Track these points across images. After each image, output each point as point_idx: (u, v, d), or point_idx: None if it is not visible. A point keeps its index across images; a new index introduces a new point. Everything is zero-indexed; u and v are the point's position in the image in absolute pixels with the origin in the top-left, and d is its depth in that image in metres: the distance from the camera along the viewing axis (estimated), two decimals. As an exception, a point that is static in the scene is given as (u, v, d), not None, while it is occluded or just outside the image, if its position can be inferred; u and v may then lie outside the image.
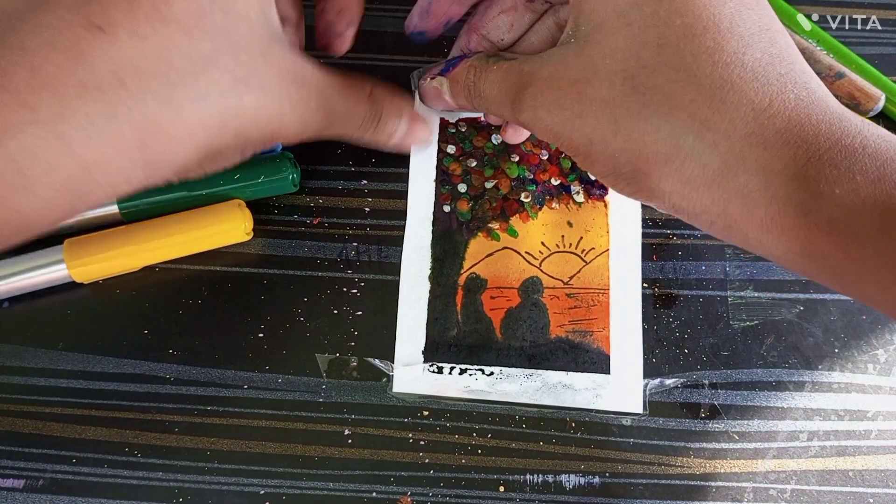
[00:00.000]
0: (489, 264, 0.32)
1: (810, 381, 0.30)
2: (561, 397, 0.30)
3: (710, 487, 0.29)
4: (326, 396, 0.30)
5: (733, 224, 0.21)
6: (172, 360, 0.31)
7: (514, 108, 0.25)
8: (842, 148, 0.19)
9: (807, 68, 0.21)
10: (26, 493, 0.29)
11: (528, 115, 0.24)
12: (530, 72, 0.24)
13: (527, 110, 0.24)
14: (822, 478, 0.29)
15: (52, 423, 0.30)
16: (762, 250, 0.22)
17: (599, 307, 0.31)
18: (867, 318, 0.31)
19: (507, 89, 0.25)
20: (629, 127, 0.22)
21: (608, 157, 0.23)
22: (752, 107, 0.20)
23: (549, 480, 0.29)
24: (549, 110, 0.24)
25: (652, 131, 0.21)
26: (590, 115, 0.22)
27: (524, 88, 0.24)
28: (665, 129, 0.21)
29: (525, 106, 0.24)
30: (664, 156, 0.21)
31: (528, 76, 0.24)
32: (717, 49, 0.21)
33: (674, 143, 0.21)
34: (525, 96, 0.24)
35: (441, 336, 0.31)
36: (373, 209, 0.33)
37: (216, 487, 0.29)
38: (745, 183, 0.20)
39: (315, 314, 0.31)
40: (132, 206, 0.31)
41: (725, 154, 0.20)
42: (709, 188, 0.21)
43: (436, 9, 0.29)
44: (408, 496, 0.29)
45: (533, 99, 0.24)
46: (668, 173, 0.21)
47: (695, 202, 0.22)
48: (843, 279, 0.20)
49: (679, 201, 0.22)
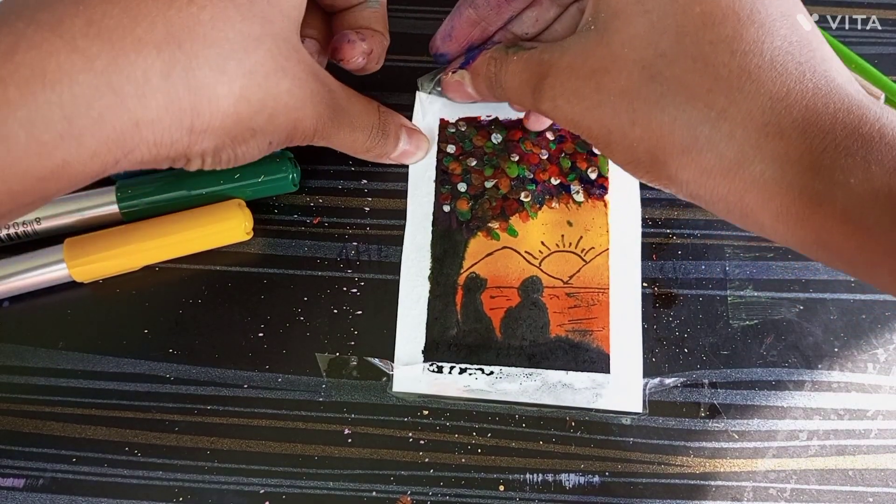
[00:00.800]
0: (489, 264, 0.32)
1: (810, 381, 0.30)
2: (561, 396, 0.30)
3: (710, 486, 0.29)
4: (326, 396, 0.30)
5: (749, 213, 0.21)
6: (172, 360, 0.31)
7: (535, 98, 0.25)
8: (858, 137, 0.19)
9: (829, 54, 0.21)
10: (26, 493, 0.29)
11: (547, 104, 0.25)
12: (549, 61, 0.25)
13: (546, 100, 0.25)
14: (821, 477, 0.29)
15: (53, 423, 0.30)
16: (777, 238, 0.22)
17: (599, 306, 0.31)
18: (867, 318, 0.31)
19: (528, 79, 0.26)
20: (647, 117, 0.22)
21: (627, 147, 0.23)
22: (770, 96, 0.20)
23: (548, 479, 0.29)
24: (569, 100, 0.24)
25: (669, 121, 0.21)
26: (608, 105, 0.23)
27: (544, 78, 0.25)
28: (682, 119, 0.21)
29: (545, 96, 0.25)
30: (681, 146, 0.21)
31: (548, 66, 0.25)
32: (735, 38, 0.21)
33: (691, 133, 0.21)
34: (545, 86, 0.25)
35: (441, 335, 0.31)
36: (373, 209, 0.33)
37: (216, 487, 0.29)
38: (760, 172, 0.20)
39: (315, 314, 0.31)
40: (132, 206, 0.31)
41: (742, 144, 0.21)
42: (725, 177, 0.21)
43: (457, 34, 0.30)
44: (408, 495, 0.29)
45: (552, 89, 0.24)
46: (686, 163, 0.22)
47: (712, 191, 0.22)
48: (856, 268, 0.21)
49: (696, 190, 0.22)
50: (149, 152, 0.21)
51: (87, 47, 0.19)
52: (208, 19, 0.21)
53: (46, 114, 0.19)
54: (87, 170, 0.20)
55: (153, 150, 0.21)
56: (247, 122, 0.23)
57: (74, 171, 0.20)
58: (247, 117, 0.23)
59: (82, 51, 0.19)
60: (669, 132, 0.22)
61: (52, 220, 0.31)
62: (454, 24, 0.30)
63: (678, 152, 0.22)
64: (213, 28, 0.21)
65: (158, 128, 0.21)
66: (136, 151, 0.21)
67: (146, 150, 0.21)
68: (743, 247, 0.32)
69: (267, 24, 0.23)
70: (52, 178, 0.20)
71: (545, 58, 0.25)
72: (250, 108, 0.23)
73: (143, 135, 0.21)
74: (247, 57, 0.22)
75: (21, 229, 0.31)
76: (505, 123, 0.34)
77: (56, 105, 0.19)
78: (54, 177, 0.20)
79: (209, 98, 0.21)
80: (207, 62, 0.21)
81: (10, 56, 0.19)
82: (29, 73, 0.19)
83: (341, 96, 0.27)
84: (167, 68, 0.20)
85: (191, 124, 0.21)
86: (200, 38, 0.21)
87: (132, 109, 0.20)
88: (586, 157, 0.33)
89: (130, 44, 0.20)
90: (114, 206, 0.31)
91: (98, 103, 0.19)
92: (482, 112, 0.34)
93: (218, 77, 0.21)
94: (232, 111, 0.22)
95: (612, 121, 0.23)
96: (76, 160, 0.20)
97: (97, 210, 0.31)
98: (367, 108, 0.29)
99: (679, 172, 0.22)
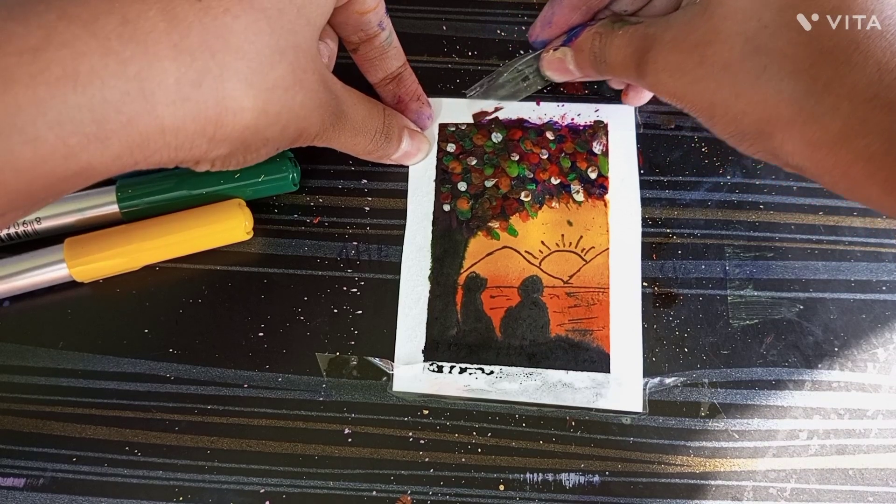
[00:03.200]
0: (489, 263, 0.32)
1: (810, 380, 0.30)
2: (561, 396, 0.30)
3: (710, 486, 0.29)
4: (326, 395, 0.30)
5: (855, 185, 0.21)
6: (173, 360, 0.31)
7: (639, 72, 0.25)
8: None
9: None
10: (27, 492, 0.29)
11: (651, 78, 0.25)
12: (654, 35, 0.25)
13: (650, 74, 0.25)
14: (821, 476, 0.29)
15: (53, 422, 0.30)
16: (886, 210, 0.22)
17: (599, 306, 0.31)
18: (867, 318, 0.31)
19: (632, 53, 0.26)
20: (750, 90, 0.22)
21: (731, 119, 0.23)
22: (878, 67, 0.20)
23: (549, 479, 0.29)
24: (672, 74, 0.24)
25: (773, 94, 0.21)
26: (711, 78, 0.23)
27: (647, 52, 0.25)
28: (787, 92, 0.21)
29: (648, 70, 0.25)
30: (787, 118, 0.21)
31: (652, 39, 0.25)
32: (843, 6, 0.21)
33: (795, 105, 0.21)
34: (648, 60, 0.25)
35: (441, 335, 0.31)
36: (373, 208, 0.33)
37: (216, 486, 0.29)
38: (867, 145, 0.20)
39: (315, 313, 0.31)
40: (132, 206, 0.31)
41: (847, 117, 0.20)
42: (831, 150, 0.21)
43: (558, 19, 0.30)
44: (408, 495, 0.29)
45: (655, 63, 0.24)
46: (791, 135, 0.22)
47: (817, 163, 0.22)
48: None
49: (801, 162, 0.22)
50: (168, 156, 0.21)
51: (121, 50, 0.19)
52: (241, 30, 0.21)
53: (76, 116, 0.18)
54: (108, 171, 0.20)
55: (172, 154, 0.21)
56: (262, 132, 0.23)
57: (96, 172, 0.20)
58: (263, 128, 0.23)
59: (116, 53, 0.19)
60: (774, 104, 0.21)
61: (53, 220, 0.31)
62: (555, 9, 0.30)
63: (783, 124, 0.22)
64: (246, 40, 0.21)
65: (182, 134, 0.21)
66: (156, 155, 0.21)
67: (166, 153, 0.21)
68: (743, 246, 0.32)
69: (292, 35, 0.23)
70: (73, 178, 0.20)
71: (650, 32, 0.25)
72: (268, 121, 0.23)
73: (166, 139, 0.21)
74: (272, 70, 0.22)
75: (21, 229, 0.31)
76: (505, 123, 0.34)
77: (86, 108, 0.19)
78: (75, 177, 0.20)
79: (234, 111, 0.21)
80: (237, 74, 0.21)
81: (41, 52, 0.18)
82: (60, 73, 0.18)
83: (346, 102, 0.27)
84: (199, 77, 0.20)
85: (213, 134, 0.21)
86: (234, 49, 0.21)
87: (160, 115, 0.20)
88: (586, 157, 0.33)
89: (165, 49, 0.20)
90: (114, 205, 0.31)
91: (128, 108, 0.19)
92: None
93: (245, 90, 0.21)
94: (252, 124, 0.22)
95: (716, 94, 0.23)
96: (99, 162, 0.20)
97: (97, 210, 0.31)
98: (371, 112, 0.29)
99: (784, 144, 0.22)
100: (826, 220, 0.32)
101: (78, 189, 0.21)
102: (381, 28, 0.30)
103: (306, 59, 0.24)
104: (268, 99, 0.22)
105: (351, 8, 0.28)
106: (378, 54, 0.30)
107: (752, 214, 0.33)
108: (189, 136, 0.21)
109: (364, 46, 0.30)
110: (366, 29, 0.29)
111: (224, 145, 0.22)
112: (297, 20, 0.23)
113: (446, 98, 0.34)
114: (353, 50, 0.31)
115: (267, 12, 0.22)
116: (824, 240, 0.32)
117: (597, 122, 0.34)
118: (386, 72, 0.31)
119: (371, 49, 0.30)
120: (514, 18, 0.36)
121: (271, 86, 0.22)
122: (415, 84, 0.32)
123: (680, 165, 0.33)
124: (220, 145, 0.22)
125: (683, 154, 0.34)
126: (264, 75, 0.22)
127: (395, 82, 0.32)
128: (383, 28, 0.30)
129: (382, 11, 0.29)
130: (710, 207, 0.33)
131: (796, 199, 0.33)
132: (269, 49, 0.22)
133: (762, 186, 0.33)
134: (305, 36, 0.23)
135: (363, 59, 0.31)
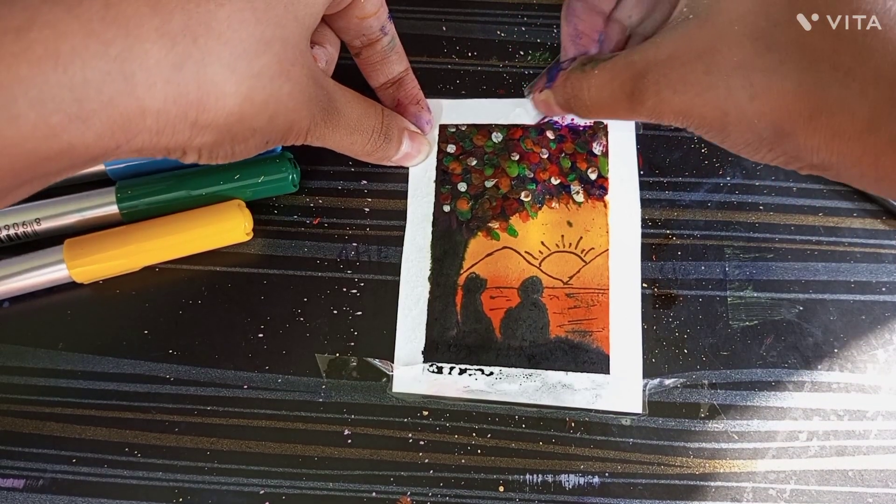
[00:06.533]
0: (489, 264, 0.32)
1: (810, 381, 0.30)
2: (560, 397, 0.30)
3: (710, 487, 0.29)
4: (326, 396, 0.30)
5: (885, 176, 0.21)
6: (172, 360, 0.31)
7: (634, 101, 0.24)
8: None
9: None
10: (26, 493, 0.29)
11: (651, 102, 0.24)
12: (644, 59, 0.24)
13: (650, 97, 0.24)
14: (821, 478, 0.29)
15: (52, 423, 0.30)
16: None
17: (599, 307, 0.31)
18: (867, 318, 0.31)
19: (620, 86, 0.25)
20: (766, 87, 0.21)
21: (746, 125, 0.22)
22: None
23: (548, 480, 0.29)
24: (676, 90, 0.23)
25: (793, 88, 0.21)
26: (721, 84, 0.22)
27: (642, 77, 0.24)
28: (807, 84, 0.21)
29: (647, 94, 0.24)
30: (809, 110, 0.21)
31: (644, 64, 0.24)
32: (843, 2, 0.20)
33: (818, 96, 0.21)
34: (646, 84, 0.24)
35: (441, 336, 0.31)
36: (372, 209, 0.33)
37: (216, 487, 0.29)
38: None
39: (315, 314, 0.31)
40: (132, 206, 0.31)
41: (875, 101, 0.20)
42: (859, 139, 0.20)
43: (584, 29, 0.29)
44: (407, 496, 0.29)
45: (656, 84, 0.24)
46: (816, 128, 0.21)
47: (845, 155, 0.21)
48: None
49: (828, 156, 0.21)
50: (150, 140, 0.22)
51: (102, 31, 0.19)
52: (225, 18, 0.21)
53: (57, 95, 0.19)
54: (90, 152, 0.21)
55: (154, 139, 0.22)
56: (249, 121, 0.23)
57: (77, 153, 0.20)
58: (249, 117, 0.23)
59: (98, 35, 0.19)
60: (794, 99, 0.21)
61: (52, 221, 0.31)
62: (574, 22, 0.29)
63: (805, 119, 0.21)
64: (229, 27, 0.21)
65: (163, 118, 0.21)
66: (137, 138, 0.21)
67: (147, 137, 0.21)
68: (742, 247, 0.32)
69: (279, 28, 0.23)
70: (56, 158, 0.20)
71: (636, 58, 0.24)
72: (253, 109, 0.23)
73: (147, 122, 0.21)
74: (256, 59, 0.22)
75: (21, 230, 0.31)
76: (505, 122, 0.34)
77: (67, 87, 0.19)
78: (58, 157, 0.20)
79: (217, 95, 0.22)
80: (219, 60, 0.21)
81: (24, 32, 0.18)
82: (42, 52, 0.18)
83: (340, 100, 0.27)
84: (180, 60, 0.21)
85: (195, 118, 0.22)
86: (216, 35, 0.21)
87: (141, 97, 0.20)
88: (586, 157, 0.33)
89: (147, 32, 0.20)
90: (114, 206, 0.31)
91: (108, 88, 0.20)
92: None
93: (228, 76, 0.22)
94: (236, 110, 0.22)
95: (728, 101, 0.22)
96: (81, 142, 0.20)
97: (97, 210, 0.31)
98: (367, 111, 0.29)
99: (808, 140, 0.21)
100: (826, 222, 0.32)
101: (64, 176, 0.21)
102: (384, 33, 0.30)
103: (294, 53, 0.24)
104: (252, 86, 0.22)
105: (351, 13, 0.28)
106: (380, 59, 0.31)
107: (751, 215, 0.33)
108: (171, 119, 0.21)
109: (366, 51, 0.30)
110: (367, 34, 0.29)
111: (208, 132, 0.22)
112: (285, 15, 0.23)
113: (446, 99, 0.34)
114: (355, 54, 0.31)
115: (253, 3, 0.22)
116: (824, 241, 0.32)
117: (597, 123, 0.34)
118: (388, 76, 0.31)
119: (373, 53, 0.30)
120: (514, 19, 0.36)
121: (256, 73, 0.22)
122: (415, 89, 0.32)
123: (680, 166, 0.33)
124: (204, 132, 0.22)
125: (683, 155, 0.34)
126: (248, 62, 0.22)
127: (395, 86, 0.32)
128: (385, 33, 0.30)
129: (384, 17, 0.29)
130: (710, 208, 0.33)
131: (796, 200, 0.33)
132: (253, 38, 0.22)
133: (762, 188, 0.33)
134: (293, 31, 0.24)
135: (365, 63, 0.31)
